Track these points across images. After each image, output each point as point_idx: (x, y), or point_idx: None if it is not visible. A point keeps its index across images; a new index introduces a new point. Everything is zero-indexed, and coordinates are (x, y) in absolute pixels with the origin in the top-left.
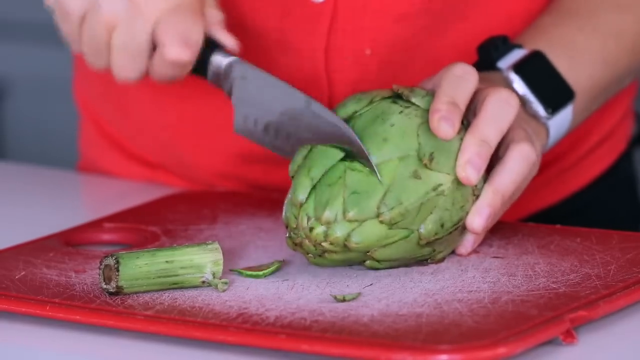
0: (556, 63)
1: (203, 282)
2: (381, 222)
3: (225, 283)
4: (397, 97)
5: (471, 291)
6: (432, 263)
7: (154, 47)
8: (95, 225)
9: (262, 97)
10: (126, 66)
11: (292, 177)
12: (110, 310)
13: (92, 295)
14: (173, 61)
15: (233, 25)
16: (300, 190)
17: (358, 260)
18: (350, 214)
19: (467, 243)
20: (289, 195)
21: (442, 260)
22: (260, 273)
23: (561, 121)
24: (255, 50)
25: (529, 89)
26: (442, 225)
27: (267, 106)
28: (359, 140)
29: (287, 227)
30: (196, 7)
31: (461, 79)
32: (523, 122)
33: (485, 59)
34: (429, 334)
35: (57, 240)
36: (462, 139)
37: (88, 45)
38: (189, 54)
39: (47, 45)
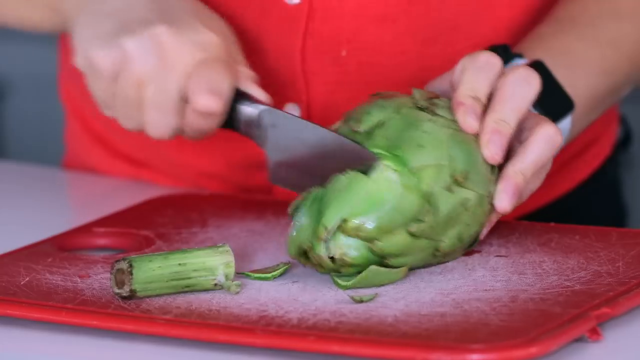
0: (555, 73)
1: (215, 284)
2: (410, 233)
3: (238, 285)
4: (420, 107)
5: (486, 290)
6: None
7: (186, 102)
8: (87, 230)
9: (293, 141)
10: (159, 122)
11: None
12: (128, 314)
13: (104, 300)
14: (203, 111)
15: None
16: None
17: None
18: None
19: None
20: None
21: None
22: (269, 275)
23: (560, 131)
24: None
25: None
26: (460, 240)
27: (299, 149)
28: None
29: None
30: (225, 59)
31: (483, 70)
32: None
33: None
34: (459, 333)
35: (50, 245)
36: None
37: (121, 104)
38: (219, 103)
39: (47, 45)
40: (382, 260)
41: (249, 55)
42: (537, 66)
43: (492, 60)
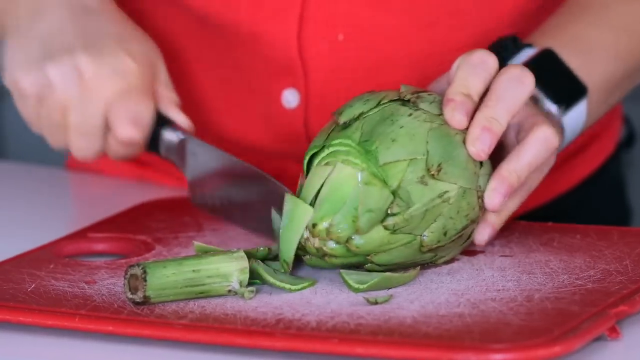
0: (568, 60)
1: (229, 290)
2: (385, 227)
3: (252, 292)
4: (405, 100)
5: (499, 290)
6: (432, 267)
7: (108, 129)
8: (84, 235)
9: (210, 170)
10: (82, 146)
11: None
12: (144, 320)
13: (116, 305)
14: (125, 141)
15: (207, 20)
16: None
17: (357, 264)
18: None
19: (484, 231)
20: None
21: (444, 263)
22: (294, 288)
23: (576, 118)
24: (229, 42)
25: (540, 87)
26: (445, 234)
27: (216, 178)
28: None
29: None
30: (147, 87)
31: (477, 68)
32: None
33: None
34: (482, 333)
35: (50, 251)
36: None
37: (46, 126)
38: (139, 134)
39: None
40: (364, 257)
41: (245, 44)
42: (547, 54)
43: (487, 59)
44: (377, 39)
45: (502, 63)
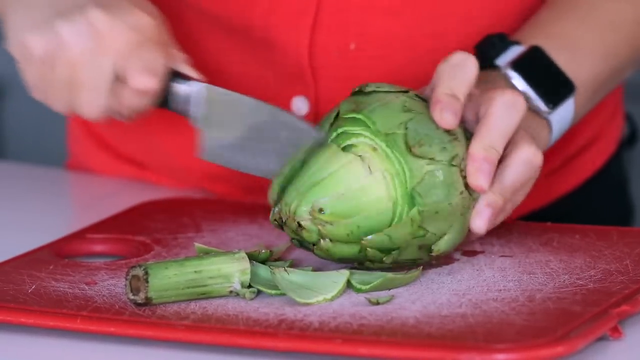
0: (555, 57)
1: (231, 291)
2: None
3: (253, 292)
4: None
5: (500, 290)
6: (437, 255)
7: (121, 82)
8: (82, 236)
9: (229, 116)
10: (93, 103)
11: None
12: (146, 321)
13: (117, 307)
14: (140, 89)
15: (220, 23)
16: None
17: (358, 256)
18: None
19: (482, 214)
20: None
21: (446, 251)
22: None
23: (563, 115)
24: (241, 47)
25: (529, 85)
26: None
27: (234, 124)
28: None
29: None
30: (159, 40)
31: (458, 68)
32: (526, 120)
33: (483, 57)
34: (486, 333)
35: (48, 252)
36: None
37: (52, 87)
38: (154, 81)
39: None
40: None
41: (257, 50)
42: (535, 51)
43: (467, 58)
44: (388, 48)
45: (490, 61)
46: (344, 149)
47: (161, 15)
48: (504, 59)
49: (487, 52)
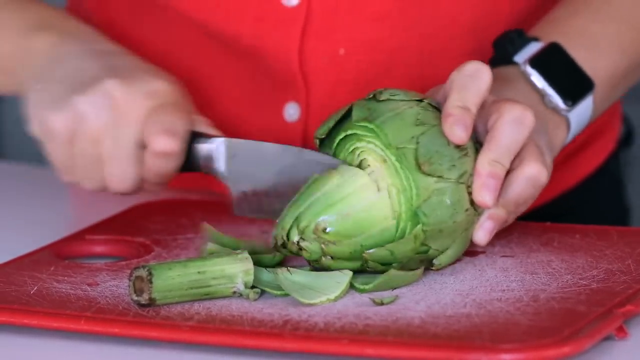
0: (573, 54)
1: (234, 292)
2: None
3: (257, 293)
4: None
5: (504, 290)
6: (438, 269)
7: (143, 148)
8: (82, 237)
9: (254, 165)
10: (120, 175)
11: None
12: (151, 322)
13: (120, 307)
14: (162, 152)
15: (209, 33)
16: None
17: (359, 269)
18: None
19: (484, 227)
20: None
21: (447, 265)
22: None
23: (582, 112)
24: (232, 57)
25: (547, 82)
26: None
27: (261, 172)
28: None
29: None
30: (177, 103)
31: (472, 79)
32: (542, 119)
33: (501, 53)
34: (492, 333)
35: (49, 253)
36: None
37: (79, 165)
38: (176, 142)
39: None
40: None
41: (247, 58)
42: (554, 48)
43: (480, 69)
44: (378, 53)
45: (509, 57)
46: (352, 151)
47: (178, 80)
48: (523, 55)
49: (505, 47)
